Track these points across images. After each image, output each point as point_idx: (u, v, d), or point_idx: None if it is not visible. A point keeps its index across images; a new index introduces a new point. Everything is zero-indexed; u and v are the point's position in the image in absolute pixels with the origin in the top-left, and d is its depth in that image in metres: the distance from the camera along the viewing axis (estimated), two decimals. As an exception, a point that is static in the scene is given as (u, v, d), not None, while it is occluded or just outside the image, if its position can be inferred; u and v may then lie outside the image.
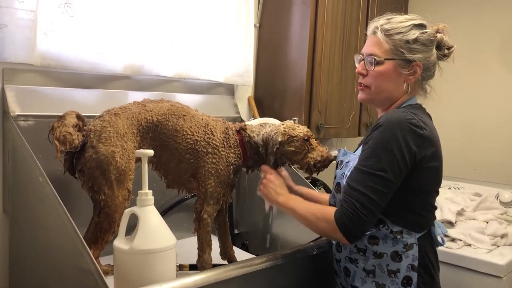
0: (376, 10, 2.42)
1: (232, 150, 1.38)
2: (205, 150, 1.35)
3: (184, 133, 1.35)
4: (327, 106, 2.23)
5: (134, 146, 1.29)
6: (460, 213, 2.07)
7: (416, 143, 1.16)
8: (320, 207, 1.25)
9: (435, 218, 1.30)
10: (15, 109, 1.44)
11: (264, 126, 1.44)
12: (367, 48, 1.31)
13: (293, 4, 2.17)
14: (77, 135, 1.25)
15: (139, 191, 1.18)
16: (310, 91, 2.15)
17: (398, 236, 1.21)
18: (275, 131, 1.35)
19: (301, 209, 1.25)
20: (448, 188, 2.39)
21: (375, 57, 1.27)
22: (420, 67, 1.26)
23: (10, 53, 1.45)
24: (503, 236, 1.96)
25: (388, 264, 1.21)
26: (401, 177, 1.16)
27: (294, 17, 2.17)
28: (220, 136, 1.38)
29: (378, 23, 1.28)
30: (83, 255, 1.02)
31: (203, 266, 1.39)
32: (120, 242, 1.15)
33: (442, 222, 2.01)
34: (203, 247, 1.39)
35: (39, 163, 1.21)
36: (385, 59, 1.26)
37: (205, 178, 1.36)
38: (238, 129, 1.42)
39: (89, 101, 1.60)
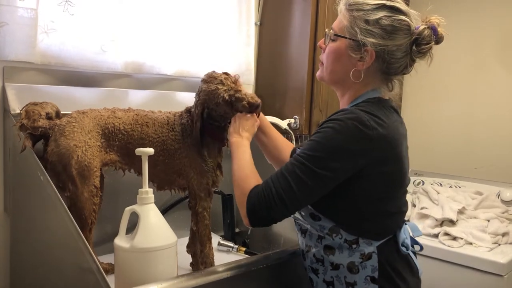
0: (377, 8, 2.41)
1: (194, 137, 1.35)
2: (173, 148, 1.34)
3: (151, 138, 1.33)
4: (328, 105, 2.22)
5: (99, 145, 1.27)
6: (461, 212, 2.06)
7: (361, 145, 1.02)
8: (252, 174, 1.12)
9: (402, 221, 1.17)
10: (15, 107, 1.43)
11: None
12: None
13: (294, 2, 2.17)
14: (44, 121, 1.25)
15: (139, 190, 1.18)
16: (311, 90, 2.15)
17: (354, 246, 1.09)
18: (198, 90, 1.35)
19: (239, 163, 1.15)
20: (450, 187, 2.38)
21: (330, 33, 1.14)
22: (372, 55, 1.07)
23: (10, 51, 1.45)
24: (504, 234, 1.95)
25: (346, 276, 1.11)
26: (333, 175, 1.02)
27: (295, 15, 2.17)
28: (180, 129, 1.36)
29: None
30: (84, 254, 1.02)
31: (205, 261, 1.39)
32: (120, 241, 1.15)
33: (443, 221, 2.02)
34: (203, 242, 1.39)
35: (40, 162, 1.20)
36: (335, 35, 1.12)
37: (186, 173, 1.35)
38: (189, 112, 1.39)
39: (89, 99, 1.60)
